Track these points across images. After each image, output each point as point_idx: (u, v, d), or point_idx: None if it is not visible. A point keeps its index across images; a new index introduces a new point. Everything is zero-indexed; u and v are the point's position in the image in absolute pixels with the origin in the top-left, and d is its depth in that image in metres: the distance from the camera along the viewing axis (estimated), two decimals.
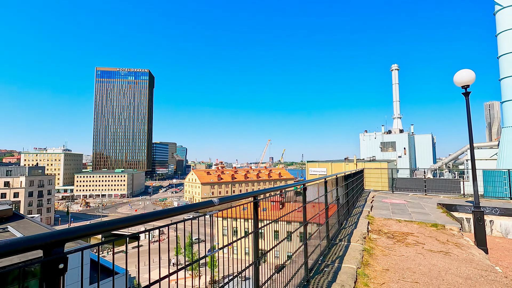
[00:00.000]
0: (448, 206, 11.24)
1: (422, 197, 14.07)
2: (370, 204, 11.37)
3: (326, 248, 5.38)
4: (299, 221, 4.36)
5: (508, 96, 54.02)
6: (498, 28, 56.23)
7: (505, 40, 55.02)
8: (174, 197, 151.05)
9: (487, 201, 12.22)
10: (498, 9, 55.81)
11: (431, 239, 6.89)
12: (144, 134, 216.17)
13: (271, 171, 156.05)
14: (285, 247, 3.68)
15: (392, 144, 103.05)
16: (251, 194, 2.62)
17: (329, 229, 5.63)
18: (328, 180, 6.27)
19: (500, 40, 56.78)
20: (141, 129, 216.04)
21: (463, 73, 8.75)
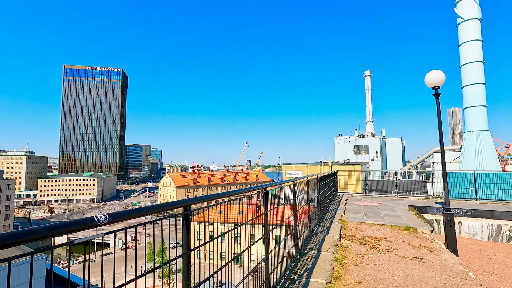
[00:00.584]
0: (419, 208, 11.23)
1: (393, 199, 14.11)
2: (343, 207, 11.10)
3: (294, 259, 4.84)
4: (275, 223, 4.13)
5: (469, 103, 57.92)
6: (460, 39, 60.27)
7: (466, 51, 59.08)
8: (147, 201, 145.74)
9: (454, 202, 12.40)
10: (460, 22, 59.86)
11: (404, 244, 6.60)
12: (116, 136, 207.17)
13: (248, 174, 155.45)
14: (261, 250, 3.50)
15: (365, 147, 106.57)
16: (181, 203, 1.96)
17: (298, 237, 5.10)
18: (297, 183, 5.76)
19: (462, 51, 60.87)
20: (113, 131, 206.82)
21: (433, 74, 8.69)
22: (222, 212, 3.19)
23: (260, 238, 3.46)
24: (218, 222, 3.47)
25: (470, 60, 60.53)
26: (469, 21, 60.33)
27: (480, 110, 58.01)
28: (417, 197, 15.57)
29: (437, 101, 8.75)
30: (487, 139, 58.31)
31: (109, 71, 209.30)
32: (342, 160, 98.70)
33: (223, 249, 50.08)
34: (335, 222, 7.99)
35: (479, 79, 59.48)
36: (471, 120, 60.08)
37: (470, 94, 59.52)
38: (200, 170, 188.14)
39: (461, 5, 62.71)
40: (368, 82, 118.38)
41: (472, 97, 59.04)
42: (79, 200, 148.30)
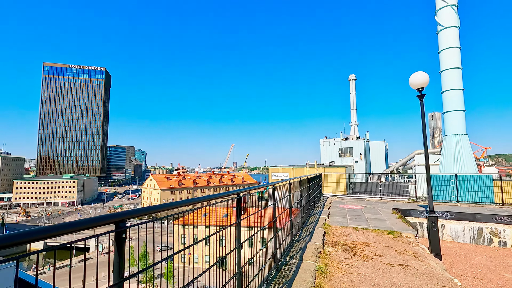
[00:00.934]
0: (402, 211, 11.15)
1: (377, 202, 14.04)
2: (328, 210, 10.85)
3: (274, 270, 4.45)
4: (258, 226, 4.07)
5: (449, 108, 60.13)
6: (440, 46, 62.59)
7: (445, 57, 61.41)
8: (130, 204, 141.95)
9: (437, 205, 12.43)
10: (440, 29, 62.20)
11: (389, 250, 6.36)
12: (98, 137, 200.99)
13: (234, 176, 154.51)
14: (247, 252, 3.46)
15: (349, 150, 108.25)
16: (112, 218, 1.52)
17: (278, 245, 4.72)
18: (277, 187, 5.40)
19: (442, 57, 63.22)
20: (95, 131, 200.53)
21: (418, 75, 8.60)
22: (207, 215, 3.56)
23: (232, 251, 3.05)
24: (203, 225, 3.44)
25: (449, 66, 62.94)
26: (448, 28, 62.82)
27: (458, 115, 60.29)
28: (401, 199, 15.61)
29: (421, 103, 8.65)
30: (465, 142, 60.55)
31: (91, 70, 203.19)
32: (328, 163, 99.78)
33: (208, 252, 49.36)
34: (318, 227, 7.68)
35: (457, 84, 61.86)
36: (450, 124, 62.39)
37: (449, 99, 61.84)
38: (186, 172, 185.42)
39: (441, 14, 65.28)
40: (352, 86, 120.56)
41: (451, 102, 61.37)
42: (58, 203, 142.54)
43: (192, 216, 3.22)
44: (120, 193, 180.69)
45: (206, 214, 3.62)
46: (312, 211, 10.35)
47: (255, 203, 4.21)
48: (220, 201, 2.94)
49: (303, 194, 8.14)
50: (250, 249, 3.89)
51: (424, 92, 8.64)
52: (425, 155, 8.61)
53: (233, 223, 3.08)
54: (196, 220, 18.81)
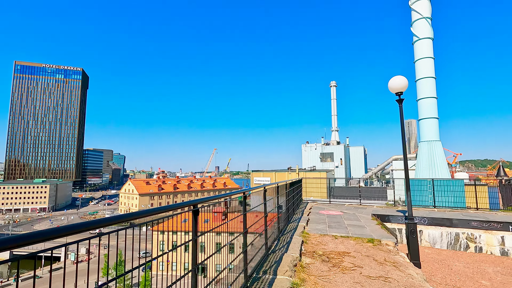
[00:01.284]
0: (381, 217, 11.02)
1: (357, 207, 13.91)
2: (307, 217, 10.51)
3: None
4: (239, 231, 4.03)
5: (424, 115, 62.30)
6: (416, 56, 64.99)
7: (421, 66, 63.80)
8: (107, 209, 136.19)
9: (415, 210, 12.44)
10: (415, 40, 64.66)
11: (369, 260, 6.05)
12: (73, 140, 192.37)
13: (216, 180, 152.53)
14: (225, 259, 3.49)
15: (330, 155, 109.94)
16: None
17: (250, 260, 4.25)
18: (252, 193, 4.95)
19: (417, 67, 65.58)
20: (70, 134, 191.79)
21: (397, 79, 8.49)
22: (187, 221, 3.09)
23: (186, 273, 2.55)
24: (182, 231, 3.44)
25: (424, 76, 65.55)
26: (423, 39, 65.52)
27: (432, 122, 62.71)
28: (380, 204, 15.61)
29: (400, 107, 8.54)
30: (439, 148, 62.94)
31: (67, 70, 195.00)
32: (309, 167, 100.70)
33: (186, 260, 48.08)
34: (296, 235, 7.28)
35: (431, 93, 64.41)
36: (425, 131, 64.72)
37: (424, 106, 64.29)
38: (166, 176, 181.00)
39: (416, 25, 67.93)
40: (333, 92, 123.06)
41: (426, 110, 63.80)
42: (28, 209, 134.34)
43: (172, 221, 3.24)
44: (96, 199, 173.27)
45: (186, 220, 3.49)
46: (291, 218, 9.96)
47: (236, 208, 4.13)
48: (172, 214, 2.44)
49: (281, 201, 7.73)
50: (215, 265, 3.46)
51: (403, 97, 8.54)
52: (404, 160, 8.48)
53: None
54: (176, 226, 17.98)
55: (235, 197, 4.02)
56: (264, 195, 5.51)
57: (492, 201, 18.26)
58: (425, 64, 63.19)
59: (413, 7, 64.51)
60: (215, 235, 3.59)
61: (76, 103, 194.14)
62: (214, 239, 3.63)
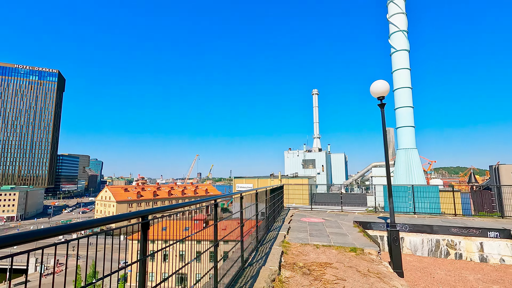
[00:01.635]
0: (363, 224, 10.82)
1: (339, 214, 13.69)
2: (288, 225, 10.11)
3: None
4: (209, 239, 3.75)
5: (401, 123, 64.61)
6: (393, 67, 67.66)
7: (398, 77, 66.41)
8: (81, 218, 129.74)
9: (396, 217, 12.36)
10: (393, 51, 67.43)
11: (352, 271, 5.70)
12: (47, 145, 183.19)
13: (197, 187, 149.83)
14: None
15: (312, 161, 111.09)
16: None
17: (221, 277, 3.75)
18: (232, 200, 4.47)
19: (395, 77, 68.25)
20: (43, 138, 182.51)
21: (378, 84, 8.37)
22: (166, 229, 3.06)
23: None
24: (160, 240, 3.40)
25: (401, 86, 68.10)
26: (400, 51, 68.29)
27: (409, 130, 64.96)
28: (361, 210, 15.52)
29: (382, 112, 8.41)
30: (415, 156, 65.14)
31: (42, 71, 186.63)
32: (291, 174, 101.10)
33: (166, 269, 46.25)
34: (276, 246, 6.83)
35: (408, 102, 66.85)
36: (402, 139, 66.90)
37: (401, 115, 66.57)
38: (145, 183, 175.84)
39: (394, 37, 70.76)
40: (315, 100, 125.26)
41: (403, 118, 66.06)
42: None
43: (153, 229, 3.10)
44: (70, 206, 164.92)
45: (165, 228, 3.36)
46: (271, 226, 9.51)
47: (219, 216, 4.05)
48: (115, 228, 1.93)
49: (260, 208, 7.28)
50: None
51: (385, 101, 8.42)
52: (386, 166, 8.31)
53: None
54: (156, 234, 17.52)
55: (205, 205, 3.53)
56: (240, 203, 5.05)
57: (464, 207, 18.78)
58: (402, 75, 65.92)
59: (390, 20, 67.39)
60: (195, 243, 3.39)
61: (51, 106, 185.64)
62: (195, 247, 3.45)
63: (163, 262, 42.58)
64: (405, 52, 65.47)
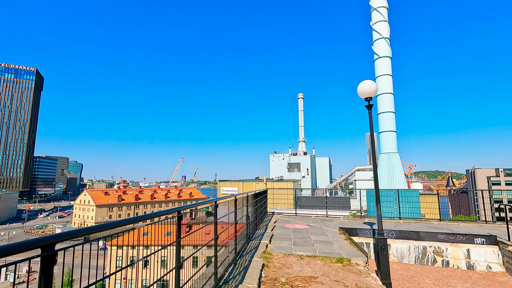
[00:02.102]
0: (349, 230, 10.39)
1: (324, 220, 13.24)
2: (271, 232, 9.51)
3: None
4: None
5: (383, 128, 65.82)
6: (376, 73, 69.01)
7: (381, 83, 67.77)
8: (58, 222, 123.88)
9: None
10: (376, 58, 68.84)
11: (339, 286, 5.17)
12: (22, 146, 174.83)
13: (181, 190, 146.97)
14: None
15: (297, 165, 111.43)
16: None
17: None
18: (201, 209, 3.85)
19: (378, 83, 69.49)
20: (18, 139, 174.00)
21: (366, 84, 7.99)
22: (148, 234, 3.00)
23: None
24: (142, 245, 3.68)
25: (383, 91, 69.47)
26: (382, 58, 69.84)
27: (391, 135, 66.27)
28: (345, 215, 15.18)
29: (369, 113, 8.02)
30: (397, 160, 66.40)
31: (19, 69, 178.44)
32: (277, 177, 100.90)
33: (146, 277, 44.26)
34: (256, 258, 6.22)
35: (390, 108, 68.27)
36: (385, 143, 68.08)
37: (384, 120, 67.85)
38: (127, 186, 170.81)
39: (377, 44, 72.27)
40: (301, 104, 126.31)
41: (385, 123, 67.33)
42: None
43: (132, 235, 3.22)
44: (46, 211, 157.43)
45: (146, 233, 3.15)
46: (253, 234, 8.89)
47: (202, 218, 4.08)
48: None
49: (240, 216, 6.66)
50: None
51: (372, 102, 8.05)
52: (374, 170, 7.90)
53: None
54: (136, 240, 17.14)
55: (169, 216, 2.88)
56: (215, 212, 4.41)
57: (443, 211, 18.92)
58: (385, 81, 67.38)
59: (374, 27, 68.81)
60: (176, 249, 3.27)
61: (28, 105, 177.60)
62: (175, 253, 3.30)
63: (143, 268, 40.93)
64: (388, 59, 67.00)
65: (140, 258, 3.01)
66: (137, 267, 27.24)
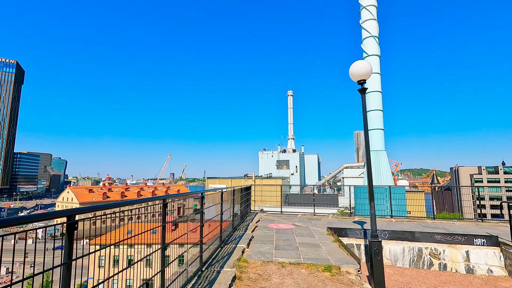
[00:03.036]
0: (338, 230, 9.42)
1: (311, 219, 12.27)
2: (251, 233, 8.42)
3: None
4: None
5: (371, 126, 65.84)
6: None
7: (369, 80, 67.87)
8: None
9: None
10: (365, 56, 68.69)
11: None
12: (1, 141, 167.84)
13: (169, 188, 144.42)
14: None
15: (286, 162, 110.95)
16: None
17: None
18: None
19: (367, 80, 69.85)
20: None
21: (359, 64, 6.98)
22: (132, 232, 3.05)
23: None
24: (126, 244, 3.15)
25: (372, 89, 69.43)
26: (371, 56, 69.70)
27: (379, 133, 66.40)
28: (334, 213, 14.30)
29: (363, 98, 7.03)
30: (384, 157, 66.67)
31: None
32: (265, 174, 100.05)
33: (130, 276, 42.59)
34: (227, 268, 5.12)
35: (378, 106, 68.35)
36: (372, 141, 68.10)
37: (372, 118, 67.83)
38: (113, 183, 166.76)
39: (366, 43, 72.12)
40: (290, 101, 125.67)
41: (373, 121, 67.35)
42: None
43: (114, 234, 3.70)
44: (28, 209, 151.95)
45: (130, 231, 2.29)
46: (230, 236, 7.78)
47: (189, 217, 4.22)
48: None
49: (210, 216, 5.54)
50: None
51: (365, 86, 7.05)
52: (368, 162, 6.91)
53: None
54: (119, 238, 18.03)
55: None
56: (163, 212, 3.28)
57: (427, 208, 18.32)
58: (373, 79, 67.38)
59: (363, 25, 68.62)
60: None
61: (7, 99, 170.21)
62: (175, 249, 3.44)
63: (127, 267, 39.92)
64: (376, 57, 66.95)
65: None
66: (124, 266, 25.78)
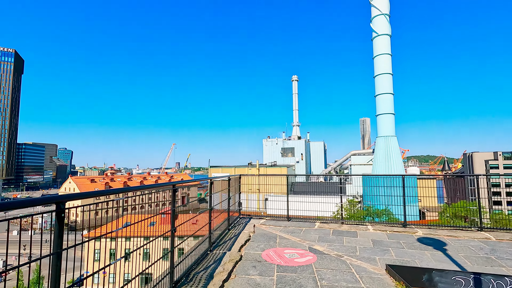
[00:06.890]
0: (411, 273, 4.92)
1: (339, 232, 8.07)
2: (231, 267, 5.16)
3: None
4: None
5: (381, 110, 61.07)
6: (374, 52, 63.23)
7: (379, 62, 62.22)
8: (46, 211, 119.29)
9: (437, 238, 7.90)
10: (374, 36, 63.07)
11: None
12: (4, 132, 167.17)
13: (172, 177, 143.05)
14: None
15: (291, 150, 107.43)
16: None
17: None
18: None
19: (376, 62, 64.01)
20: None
21: None
22: (129, 225, 3.05)
23: None
24: (122, 237, 3.23)
25: (382, 72, 63.97)
26: (381, 36, 63.80)
27: (389, 118, 61.38)
28: (384, 223, 11.01)
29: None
30: (394, 143, 61.82)
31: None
32: (270, 163, 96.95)
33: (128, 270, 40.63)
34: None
35: (388, 89, 63.08)
36: (382, 126, 63.19)
37: (382, 102, 62.73)
38: (115, 173, 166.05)
39: (376, 21, 66.06)
40: (295, 86, 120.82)
41: (383, 105, 62.30)
42: None
43: (110, 226, 2.77)
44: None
45: (128, 224, 3.13)
46: (193, 269, 4.59)
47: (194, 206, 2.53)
48: None
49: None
50: None
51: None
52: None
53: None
54: (117, 231, 12.20)
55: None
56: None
57: (438, 195, 17.38)
58: (383, 60, 62.00)
59: (372, 3, 62.71)
60: (162, 240, 3.40)
61: (7, 89, 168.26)
62: (161, 244, 3.33)
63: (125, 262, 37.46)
64: (387, 37, 61.35)
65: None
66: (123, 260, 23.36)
